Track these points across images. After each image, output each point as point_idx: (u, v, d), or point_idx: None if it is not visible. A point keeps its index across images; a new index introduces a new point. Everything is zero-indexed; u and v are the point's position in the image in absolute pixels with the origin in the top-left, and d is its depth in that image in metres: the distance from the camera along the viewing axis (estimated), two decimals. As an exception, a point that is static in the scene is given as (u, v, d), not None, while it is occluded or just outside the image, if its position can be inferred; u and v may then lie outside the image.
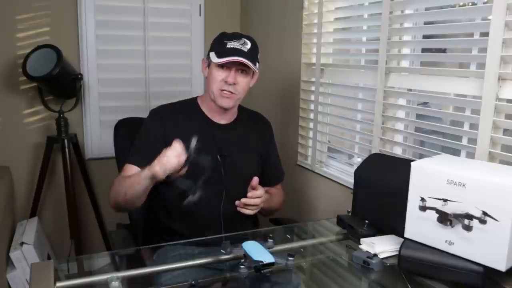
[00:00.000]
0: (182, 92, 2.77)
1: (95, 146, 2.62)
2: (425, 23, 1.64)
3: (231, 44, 1.47)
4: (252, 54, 1.49)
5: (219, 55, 1.46)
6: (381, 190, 1.37)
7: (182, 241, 1.39)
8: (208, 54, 1.52)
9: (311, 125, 2.17)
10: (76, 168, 2.48)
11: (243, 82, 1.51)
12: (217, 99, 1.50)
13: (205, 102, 1.59)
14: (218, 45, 1.50)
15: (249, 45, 1.49)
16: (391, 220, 1.29)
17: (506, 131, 1.30)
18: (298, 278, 1.31)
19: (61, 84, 2.34)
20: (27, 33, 2.42)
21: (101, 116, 2.61)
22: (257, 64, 1.52)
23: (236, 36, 1.51)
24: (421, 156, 1.58)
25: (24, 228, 2.25)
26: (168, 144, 1.34)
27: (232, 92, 1.49)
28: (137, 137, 1.55)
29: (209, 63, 1.52)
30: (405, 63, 1.70)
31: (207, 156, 1.36)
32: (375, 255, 1.22)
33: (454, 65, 1.56)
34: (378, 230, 1.36)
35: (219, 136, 1.55)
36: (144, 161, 1.39)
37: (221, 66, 1.47)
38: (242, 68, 1.49)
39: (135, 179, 1.37)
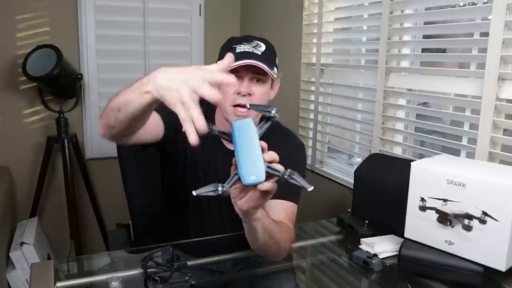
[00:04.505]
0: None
1: (95, 146, 2.62)
2: (425, 23, 1.64)
3: (241, 48, 1.22)
4: (268, 58, 1.23)
5: None
6: (381, 190, 1.37)
7: (181, 242, 1.38)
8: None
9: (311, 125, 2.17)
10: (76, 168, 2.48)
11: (259, 93, 1.22)
12: (231, 117, 1.22)
13: (217, 119, 1.33)
14: (226, 51, 1.23)
15: (263, 47, 1.24)
16: (391, 220, 1.29)
17: (506, 131, 1.30)
18: (298, 278, 1.32)
19: (61, 84, 2.34)
20: (27, 33, 2.42)
21: (101, 116, 2.60)
22: (276, 69, 1.24)
23: (247, 39, 1.27)
24: (421, 156, 1.58)
25: (24, 228, 2.25)
26: (173, 134, 1.23)
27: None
28: None
29: None
30: (405, 63, 1.70)
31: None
32: (375, 255, 1.22)
33: (454, 65, 1.56)
34: (378, 230, 1.36)
35: (221, 162, 1.31)
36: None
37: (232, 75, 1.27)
38: (258, 77, 1.22)
39: (132, 89, 0.96)
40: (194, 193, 0.82)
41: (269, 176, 0.84)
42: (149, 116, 1.04)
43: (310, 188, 0.83)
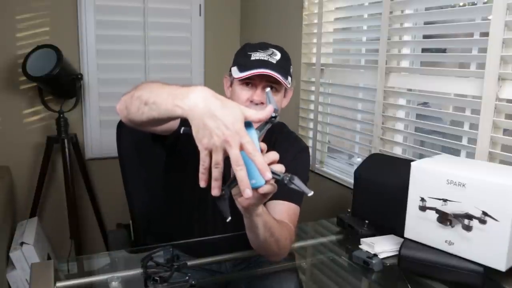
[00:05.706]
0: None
1: (95, 146, 2.62)
2: (425, 23, 1.64)
3: (256, 56, 1.24)
4: (283, 67, 1.25)
5: (241, 69, 1.23)
6: (381, 190, 1.37)
7: (182, 242, 1.38)
8: (230, 70, 1.30)
9: (311, 125, 2.17)
10: (76, 168, 2.48)
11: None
12: None
13: None
14: (241, 58, 1.27)
15: (278, 56, 1.26)
16: (391, 220, 1.29)
17: (506, 131, 1.30)
18: (298, 278, 1.32)
19: (61, 84, 2.34)
20: (27, 33, 2.42)
21: (101, 116, 2.61)
22: (290, 78, 1.27)
23: (263, 46, 1.28)
24: (421, 156, 1.58)
25: (24, 228, 2.25)
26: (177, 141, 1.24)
27: None
28: None
29: (232, 80, 1.30)
30: (405, 63, 1.70)
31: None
32: (375, 255, 1.22)
33: (454, 65, 1.56)
34: (378, 230, 1.36)
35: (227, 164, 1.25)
36: None
37: (246, 82, 1.24)
38: (271, 85, 1.23)
39: (168, 91, 0.89)
40: (228, 219, 0.85)
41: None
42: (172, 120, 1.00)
43: (310, 193, 0.83)
